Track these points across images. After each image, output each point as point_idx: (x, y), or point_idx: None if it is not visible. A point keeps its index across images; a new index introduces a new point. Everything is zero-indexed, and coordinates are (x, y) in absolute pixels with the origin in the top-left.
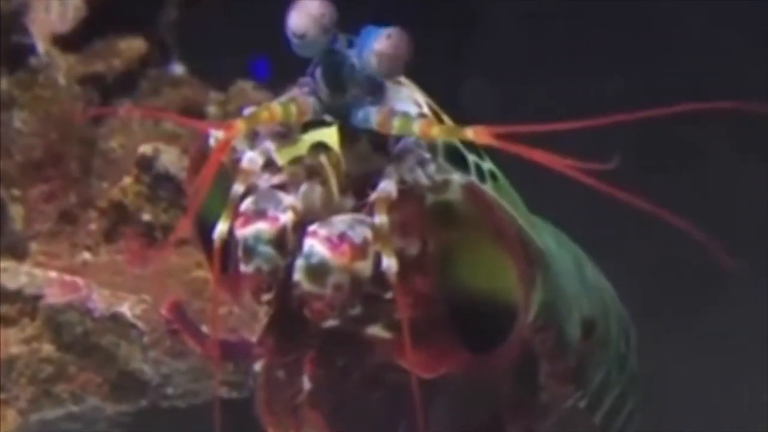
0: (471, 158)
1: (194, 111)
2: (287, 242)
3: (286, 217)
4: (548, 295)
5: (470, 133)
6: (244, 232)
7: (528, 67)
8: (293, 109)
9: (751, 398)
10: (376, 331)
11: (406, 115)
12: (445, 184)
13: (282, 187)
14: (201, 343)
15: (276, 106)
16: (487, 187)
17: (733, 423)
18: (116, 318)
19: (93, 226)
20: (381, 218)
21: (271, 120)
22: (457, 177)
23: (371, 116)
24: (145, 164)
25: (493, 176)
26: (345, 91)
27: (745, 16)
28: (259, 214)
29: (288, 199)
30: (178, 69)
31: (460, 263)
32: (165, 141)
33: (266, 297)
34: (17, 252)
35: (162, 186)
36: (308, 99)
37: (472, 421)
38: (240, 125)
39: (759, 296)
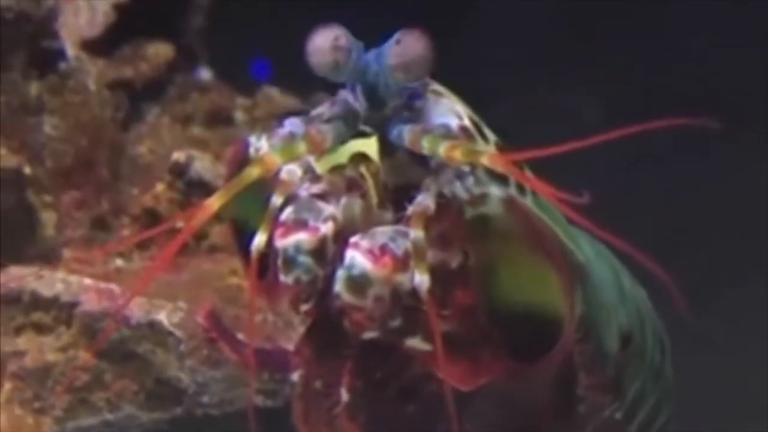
0: None
1: (221, 116)
2: (327, 253)
3: (327, 228)
4: (588, 307)
5: (485, 159)
6: (284, 242)
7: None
8: (301, 147)
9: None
10: (415, 343)
11: (434, 136)
12: (484, 197)
13: (322, 196)
14: (237, 352)
15: (272, 156)
16: (527, 200)
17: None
18: (153, 326)
19: (126, 233)
20: (417, 233)
21: (264, 175)
22: (495, 190)
23: (404, 134)
24: (178, 171)
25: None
26: (384, 104)
27: None
28: (300, 224)
29: (328, 209)
30: (205, 74)
31: (502, 277)
32: (194, 146)
33: (305, 307)
34: (50, 259)
35: (195, 193)
36: (325, 128)
37: (509, 431)
38: (209, 208)
39: None
